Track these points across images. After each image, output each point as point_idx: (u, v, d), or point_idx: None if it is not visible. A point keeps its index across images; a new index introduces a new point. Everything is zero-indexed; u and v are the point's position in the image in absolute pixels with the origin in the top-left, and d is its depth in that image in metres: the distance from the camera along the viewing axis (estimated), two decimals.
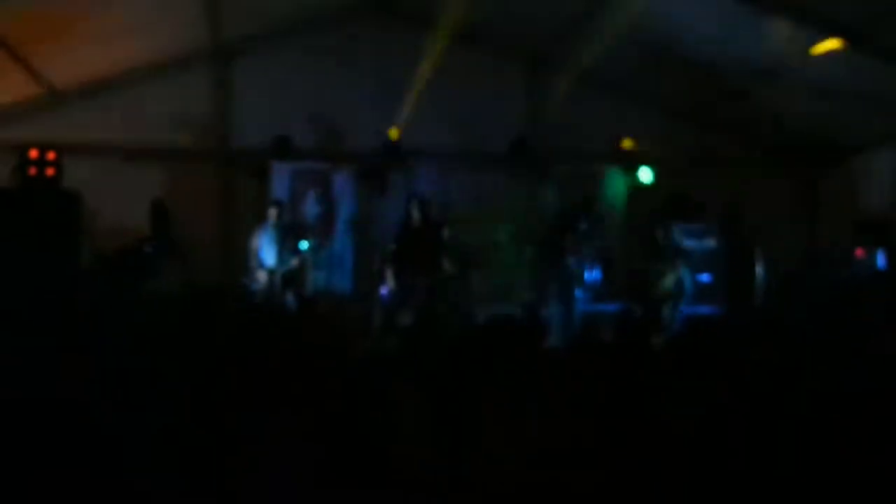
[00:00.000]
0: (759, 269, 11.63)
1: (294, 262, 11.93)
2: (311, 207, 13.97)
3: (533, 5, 12.90)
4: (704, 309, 11.79)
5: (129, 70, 13.54)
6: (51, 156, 11.32)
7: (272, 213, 12.15)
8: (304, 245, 12.12)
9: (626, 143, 13.90)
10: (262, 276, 11.77)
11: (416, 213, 11.99)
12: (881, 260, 11.49)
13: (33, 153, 11.30)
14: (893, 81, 11.37)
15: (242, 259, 12.22)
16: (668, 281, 11.81)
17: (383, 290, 12.13)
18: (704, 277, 12.07)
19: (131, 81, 13.69)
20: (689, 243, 12.81)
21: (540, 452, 4.55)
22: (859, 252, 11.88)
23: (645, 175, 13.95)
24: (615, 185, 14.51)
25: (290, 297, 11.71)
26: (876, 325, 9.05)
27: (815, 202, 14.78)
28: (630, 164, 14.21)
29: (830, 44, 10.71)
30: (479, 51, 14.55)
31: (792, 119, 13.74)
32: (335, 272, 13.80)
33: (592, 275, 12.78)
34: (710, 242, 12.21)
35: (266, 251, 11.92)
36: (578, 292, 12.55)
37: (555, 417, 5.09)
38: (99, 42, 12.06)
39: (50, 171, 11.27)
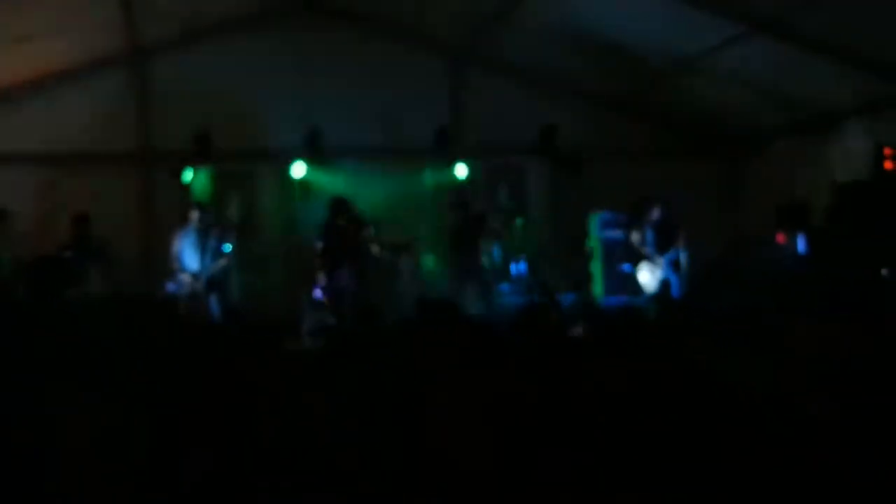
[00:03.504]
0: (682, 257, 11.74)
1: (218, 264, 11.71)
2: (236, 209, 13.82)
3: None
4: (623, 299, 11.91)
5: (42, 76, 13.23)
6: None
7: (194, 215, 11.91)
8: (227, 247, 11.89)
9: None
10: (185, 280, 11.57)
11: (337, 213, 12.13)
12: (801, 244, 11.65)
13: None
14: (811, 68, 11.51)
15: (166, 263, 12.02)
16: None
17: (316, 290, 12.04)
18: (626, 267, 12.18)
19: (46, 87, 13.40)
20: (610, 233, 12.88)
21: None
22: (780, 237, 12.03)
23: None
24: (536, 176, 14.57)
25: (213, 303, 11.49)
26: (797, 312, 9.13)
27: (738, 189, 14.95)
28: (555, 154, 14.18)
29: None
30: (401, 45, 14.51)
31: (714, 106, 13.88)
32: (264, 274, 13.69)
33: (518, 268, 12.81)
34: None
35: (188, 254, 11.70)
36: (504, 286, 12.58)
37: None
38: (8, 48, 11.78)
39: None
